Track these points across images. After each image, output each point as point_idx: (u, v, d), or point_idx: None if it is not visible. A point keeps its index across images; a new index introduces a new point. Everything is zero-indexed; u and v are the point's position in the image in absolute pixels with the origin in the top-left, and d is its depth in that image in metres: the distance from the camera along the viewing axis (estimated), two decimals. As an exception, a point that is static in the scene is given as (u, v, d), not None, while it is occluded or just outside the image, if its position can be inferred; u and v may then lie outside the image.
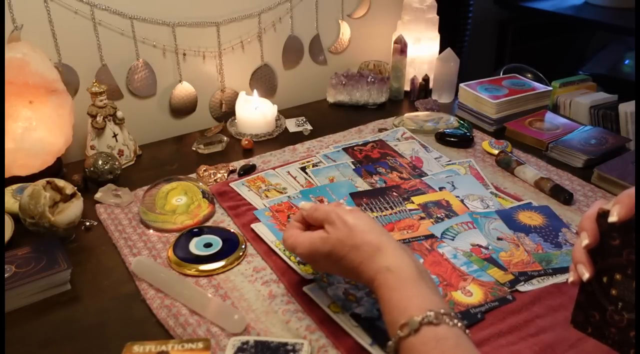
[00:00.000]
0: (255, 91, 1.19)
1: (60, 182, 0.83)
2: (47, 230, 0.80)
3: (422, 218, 0.85)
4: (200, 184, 0.94)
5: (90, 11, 1.03)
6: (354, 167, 1.00)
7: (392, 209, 0.87)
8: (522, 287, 0.71)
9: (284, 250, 0.78)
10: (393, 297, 0.55)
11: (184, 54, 1.16)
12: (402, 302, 0.54)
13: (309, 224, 0.68)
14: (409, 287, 0.56)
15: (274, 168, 1.01)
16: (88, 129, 1.03)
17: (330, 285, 0.71)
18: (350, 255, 0.60)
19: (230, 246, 0.79)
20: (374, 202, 0.89)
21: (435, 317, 0.51)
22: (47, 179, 0.82)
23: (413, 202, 0.89)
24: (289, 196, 0.91)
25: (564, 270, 0.74)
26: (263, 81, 1.29)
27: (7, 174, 0.92)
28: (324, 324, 0.65)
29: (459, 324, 0.52)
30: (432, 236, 0.81)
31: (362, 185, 0.95)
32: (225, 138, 1.12)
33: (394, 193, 0.91)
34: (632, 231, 0.46)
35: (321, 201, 0.89)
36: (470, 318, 0.66)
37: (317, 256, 0.63)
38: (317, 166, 1.01)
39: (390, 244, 0.60)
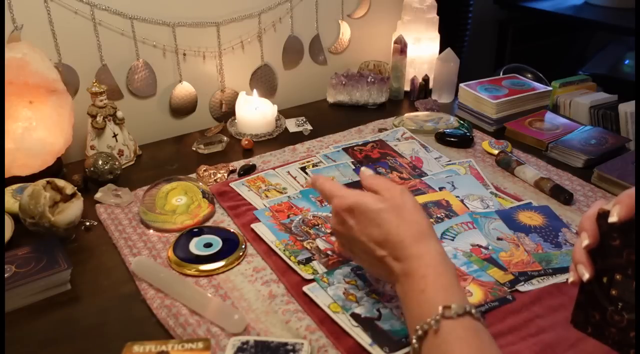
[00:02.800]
0: (255, 91, 1.19)
1: (60, 182, 0.83)
2: (47, 230, 0.80)
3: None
4: (200, 184, 0.94)
5: (90, 11, 1.03)
6: (354, 168, 1.00)
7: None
8: (522, 287, 0.71)
9: (284, 250, 0.78)
10: (440, 280, 0.56)
11: (184, 54, 1.16)
12: (449, 288, 0.56)
13: None
14: (453, 279, 0.57)
15: (274, 168, 1.01)
16: (88, 129, 1.03)
17: (330, 285, 0.71)
18: (402, 224, 0.60)
19: (230, 246, 0.79)
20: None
21: (475, 312, 0.53)
22: (47, 179, 0.82)
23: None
24: (289, 196, 0.91)
25: (564, 270, 0.74)
26: (263, 81, 1.29)
27: (7, 174, 0.92)
28: (324, 324, 0.65)
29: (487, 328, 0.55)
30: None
31: (362, 185, 0.95)
32: (225, 138, 1.12)
33: None
34: (632, 231, 0.46)
35: (321, 202, 0.89)
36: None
37: (360, 210, 0.62)
38: (317, 166, 1.01)
39: (437, 238, 0.62)
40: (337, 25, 1.35)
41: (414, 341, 0.53)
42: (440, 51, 1.33)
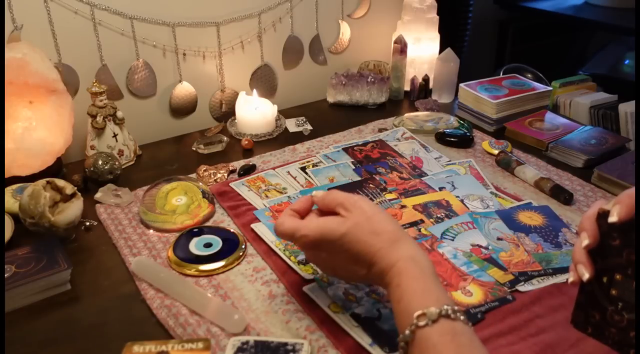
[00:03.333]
0: (255, 91, 1.19)
1: (60, 182, 0.83)
2: (47, 230, 0.80)
3: (402, 207, 0.87)
4: (200, 184, 0.94)
5: (90, 11, 1.03)
6: (354, 168, 1.00)
7: (372, 200, 0.88)
8: (522, 287, 0.71)
9: (284, 250, 0.78)
10: (413, 286, 0.55)
11: (184, 54, 1.16)
12: (423, 292, 0.54)
13: (303, 216, 0.66)
14: (428, 279, 0.56)
15: (274, 168, 1.01)
16: (88, 129, 1.03)
17: (330, 285, 0.71)
18: (369, 239, 0.59)
19: (230, 246, 0.79)
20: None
21: (453, 312, 0.51)
22: (47, 179, 0.82)
23: (390, 192, 0.91)
24: (289, 196, 0.91)
25: (564, 270, 0.74)
26: (263, 81, 1.29)
27: (7, 174, 0.92)
28: (324, 324, 0.65)
29: (470, 324, 0.53)
30: (416, 223, 0.83)
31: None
32: (225, 138, 1.12)
33: (371, 185, 0.92)
34: (632, 231, 0.46)
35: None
36: (470, 318, 0.65)
37: (325, 241, 0.60)
38: (317, 166, 1.01)
39: (408, 237, 0.61)
40: (337, 25, 1.35)
41: (400, 351, 0.53)
42: (440, 51, 1.33)
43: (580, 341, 0.61)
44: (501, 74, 1.41)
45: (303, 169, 1.00)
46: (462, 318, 0.52)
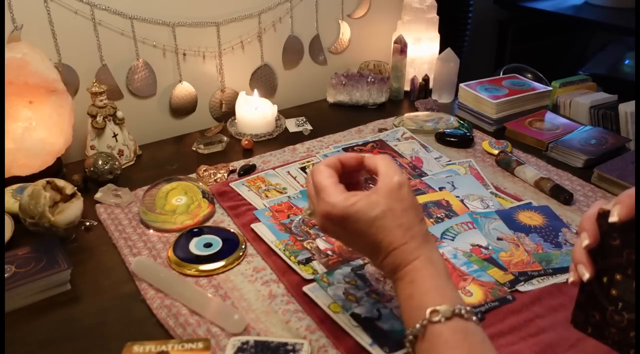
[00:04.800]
0: (255, 91, 1.19)
1: (60, 182, 0.83)
2: (47, 230, 0.80)
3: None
4: (200, 184, 0.94)
5: (90, 11, 1.03)
6: (354, 167, 1.00)
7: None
8: (522, 287, 0.71)
9: (284, 250, 0.78)
10: (427, 283, 0.55)
11: (184, 54, 1.16)
12: (437, 290, 0.55)
13: (342, 180, 0.62)
14: (443, 280, 0.56)
15: (274, 168, 1.01)
16: (88, 129, 1.03)
17: (330, 285, 0.71)
18: (397, 232, 0.57)
19: (230, 246, 0.79)
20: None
21: (466, 312, 0.52)
22: (47, 179, 0.82)
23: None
24: (289, 196, 0.91)
25: (564, 270, 0.74)
26: (263, 81, 1.29)
27: (7, 174, 0.92)
28: (324, 324, 0.65)
29: (481, 325, 0.53)
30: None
31: (362, 185, 0.95)
32: (225, 138, 1.12)
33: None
34: (632, 231, 0.46)
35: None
36: (470, 318, 0.66)
37: (350, 221, 0.57)
38: (317, 166, 1.01)
39: (431, 238, 0.60)
40: (337, 25, 1.35)
41: (407, 345, 0.53)
42: (440, 51, 1.33)
43: (580, 341, 0.61)
44: (501, 74, 1.41)
45: (303, 169, 1.00)
46: (474, 319, 0.52)
